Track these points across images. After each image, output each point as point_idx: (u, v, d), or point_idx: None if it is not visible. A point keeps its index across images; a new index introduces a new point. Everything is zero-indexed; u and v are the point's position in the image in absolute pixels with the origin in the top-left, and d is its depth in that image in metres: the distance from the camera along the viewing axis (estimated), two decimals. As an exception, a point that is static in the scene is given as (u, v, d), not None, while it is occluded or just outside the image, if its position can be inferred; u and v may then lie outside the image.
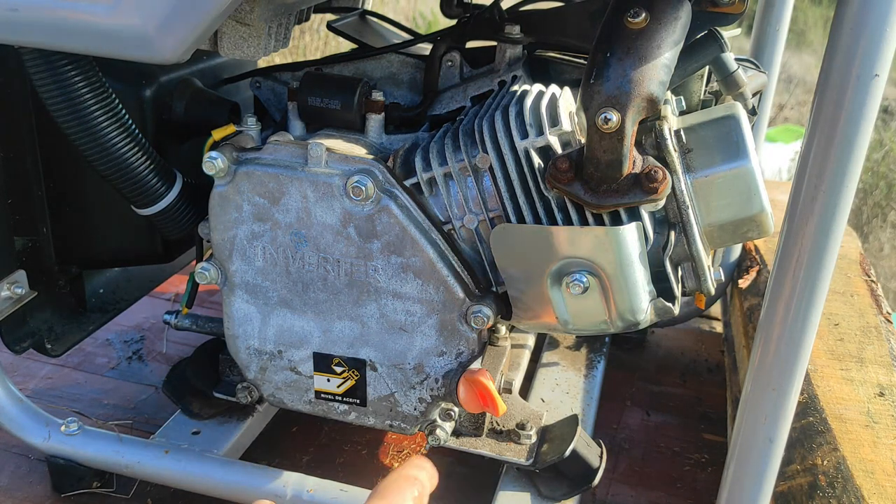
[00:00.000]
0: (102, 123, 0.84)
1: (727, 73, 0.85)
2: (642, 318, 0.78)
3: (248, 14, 0.79)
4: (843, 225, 0.67)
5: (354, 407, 0.93)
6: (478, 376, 0.85)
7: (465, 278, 0.85)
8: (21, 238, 1.01)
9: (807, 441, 0.91)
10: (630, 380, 1.41)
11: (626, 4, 0.70)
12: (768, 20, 1.28)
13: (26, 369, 1.35)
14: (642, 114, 0.71)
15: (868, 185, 3.51)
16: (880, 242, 3.27)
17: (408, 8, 5.24)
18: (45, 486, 1.09)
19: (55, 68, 0.80)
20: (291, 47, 3.52)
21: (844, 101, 0.63)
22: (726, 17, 0.75)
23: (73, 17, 0.72)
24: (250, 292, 0.91)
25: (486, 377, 0.85)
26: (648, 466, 1.19)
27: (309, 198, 0.84)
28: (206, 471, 0.99)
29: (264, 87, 1.02)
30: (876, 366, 1.05)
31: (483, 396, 0.85)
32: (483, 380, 0.85)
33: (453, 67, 0.95)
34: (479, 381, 0.85)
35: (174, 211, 0.93)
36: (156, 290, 1.37)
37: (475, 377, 0.85)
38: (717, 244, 0.82)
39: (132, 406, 1.28)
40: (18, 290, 0.99)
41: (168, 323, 1.05)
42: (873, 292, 1.25)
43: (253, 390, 0.96)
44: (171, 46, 0.71)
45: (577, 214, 0.78)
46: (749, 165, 0.77)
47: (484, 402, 0.85)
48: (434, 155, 0.83)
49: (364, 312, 0.88)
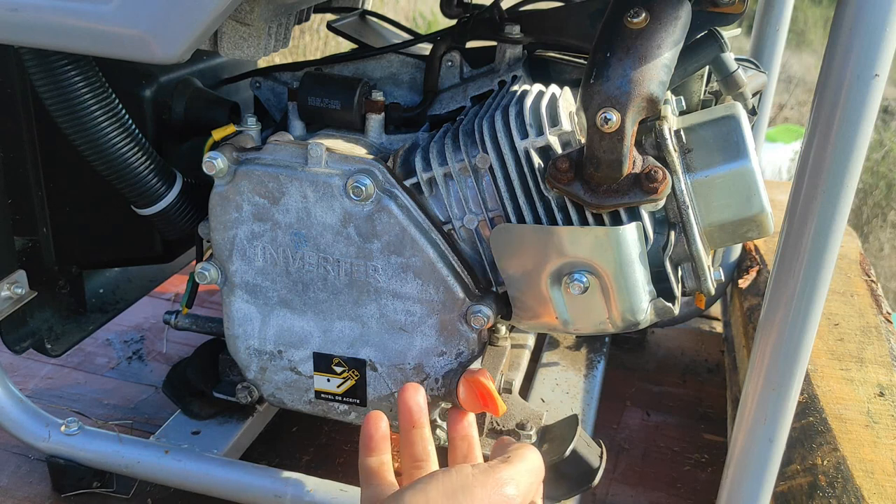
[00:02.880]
0: (102, 124, 0.84)
1: (727, 73, 0.85)
2: (642, 318, 0.78)
3: (248, 14, 0.79)
4: (843, 225, 0.67)
5: (354, 407, 0.93)
6: (478, 376, 0.85)
7: (465, 278, 0.85)
8: (21, 238, 1.01)
9: (807, 441, 0.91)
10: (630, 380, 1.41)
11: (626, 4, 0.70)
12: (768, 20, 1.28)
13: (26, 369, 1.35)
14: (642, 114, 0.71)
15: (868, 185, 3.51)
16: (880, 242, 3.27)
17: (408, 8, 5.24)
18: (45, 486, 1.09)
19: (55, 69, 0.80)
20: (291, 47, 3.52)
21: (844, 101, 0.62)
22: (726, 17, 0.75)
23: (73, 17, 0.72)
24: (250, 292, 0.91)
25: (486, 377, 0.85)
26: (648, 466, 1.19)
27: (309, 198, 0.84)
28: (206, 471, 0.99)
29: (264, 87, 1.02)
30: (876, 366, 1.05)
31: (483, 396, 0.85)
32: (483, 380, 0.85)
33: (453, 67, 0.95)
34: (479, 381, 0.85)
35: (174, 211, 0.93)
36: (156, 290, 1.37)
37: (475, 377, 0.85)
38: (717, 244, 0.82)
39: (132, 406, 1.28)
40: (18, 290, 0.99)
41: (168, 323, 1.05)
42: (873, 292, 1.25)
43: (253, 390, 0.96)
44: (171, 46, 0.71)
45: (577, 214, 0.78)
46: (749, 165, 0.77)
47: (484, 402, 0.85)
48: (434, 155, 0.83)
49: (364, 312, 0.88)
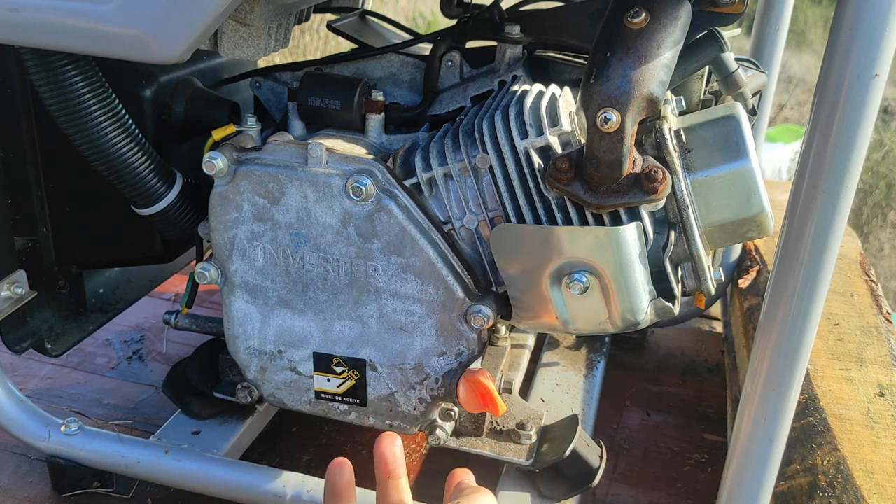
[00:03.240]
0: (102, 124, 0.84)
1: (727, 73, 0.85)
2: (642, 318, 0.78)
3: (248, 14, 0.79)
4: (843, 225, 0.67)
5: (354, 407, 0.93)
6: (478, 376, 0.85)
7: (465, 278, 0.85)
8: (21, 238, 1.00)
9: (807, 441, 0.91)
10: (630, 380, 1.41)
11: (626, 4, 0.70)
12: (768, 20, 1.28)
13: (26, 369, 1.35)
14: (642, 114, 0.71)
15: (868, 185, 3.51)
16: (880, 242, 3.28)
17: (408, 8, 5.24)
18: (45, 486, 1.09)
19: (55, 69, 0.80)
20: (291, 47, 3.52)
21: (844, 101, 0.62)
22: (726, 17, 0.75)
23: (73, 17, 0.72)
24: (250, 292, 0.91)
25: (486, 377, 0.85)
26: (648, 466, 1.19)
27: (309, 198, 0.84)
28: (206, 471, 0.99)
29: (264, 87, 1.02)
30: (876, 366, 1.05)
31: (483, 396, 0.85)
32: (483, 380, 0.85)
33: (453, 67, 0.95)
34: (479, 381, 0.85)
35: (174, 211, 0.93)
36: (156, 290, 1.37)
37: (475, 377, 0.85)
38: (717, 244, 0.82)
39: (132, 406, 1.28)
40: (18, 290, 0.99)
41: (168, 323, 1.05)
42: (873, 292, 1.25)
43: (253, 390, 0.96)
44: (171, 46, 0.71)
45: (577, 214, 0.78)
46: (749, 165, 0.77)
47: (484, 402, 0.85)
48: (434, 155, 0.83)
49: (364, 312, 0.88)
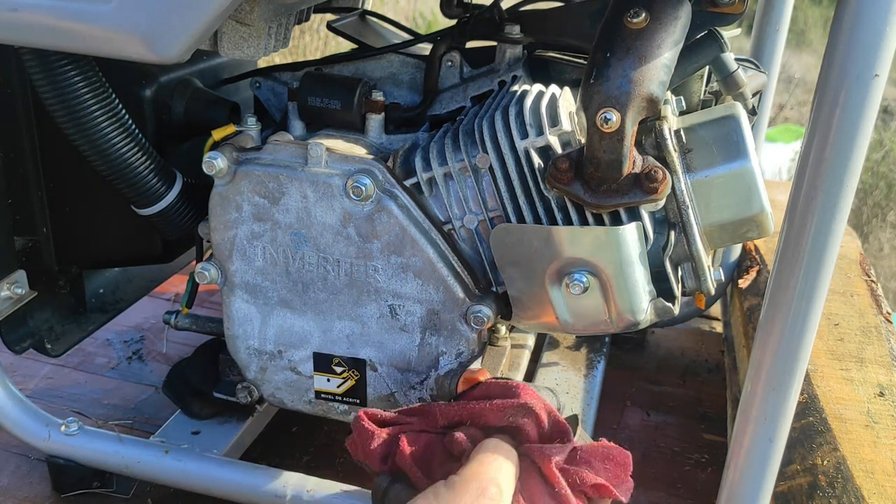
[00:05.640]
0: (102, 124, 0.84)
1: (727, 73, 0.85)
2: (642, 318, 0.78)
3: (248, 14, 0.79)
4: (843, 225, 0.67)
5: (354, 407, 0.93)
6: (478, 376, 0.85)
7: (465, 278, 0.85)
8: (21, 238, 1.00)
9: (807, 441, 0.91)
10: (630, 380, 1.41)
11: (626, 4, 0.70)
12: (768, 20, 1.28)
13: (26, 369, 1.35)
14: (642, 114, 0.71)
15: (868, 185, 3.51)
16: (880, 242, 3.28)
17: (408, 8, 5.24)
18: (45, 486, 1.09)
19: (55, 69, 0.80)
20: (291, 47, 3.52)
21: (844, 101, 0.62)
22: (726, 17, 0.75)
23: (73, 17, 0.72)
24: (250, 292, 0.90)
25: (486, 377, 0.85)
26: (648, 466, 1.19)
27: (309, 198, 0.84)
28: (206, 471, 0.99)
29: (264, 87, 1.02)
30: (876, 366, 1.05)
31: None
32: (483, 380, 0.85)
33: (453, 67, 0.95)
34: (479, 381, 0.85)
35: (174, 211, 0.93)
36: (156, 290, 1.37)
37: (475, 377, 0.85)
38: (717, 244, 0.82)
39: (132, 406, 1.28)
40: (18, 290, 0.99)
41: (168, 323, 1.04)
42: (873, 292, 1.25)
43: (253, 390, 0.96)
44: (170, 46, 0.71)
45: (577, 214, 0.78)
46: (749, 165, 0.77)
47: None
48: (434, 155, 0.83)
49: (364, 312, 0.88)
